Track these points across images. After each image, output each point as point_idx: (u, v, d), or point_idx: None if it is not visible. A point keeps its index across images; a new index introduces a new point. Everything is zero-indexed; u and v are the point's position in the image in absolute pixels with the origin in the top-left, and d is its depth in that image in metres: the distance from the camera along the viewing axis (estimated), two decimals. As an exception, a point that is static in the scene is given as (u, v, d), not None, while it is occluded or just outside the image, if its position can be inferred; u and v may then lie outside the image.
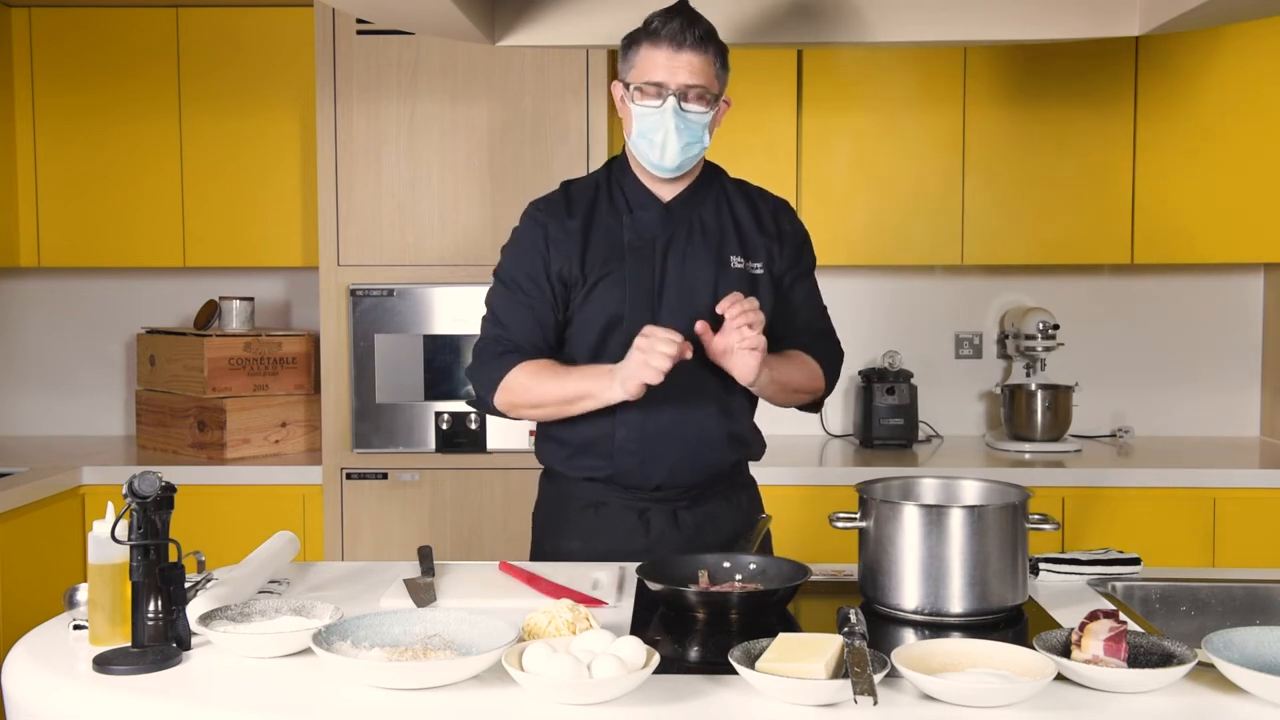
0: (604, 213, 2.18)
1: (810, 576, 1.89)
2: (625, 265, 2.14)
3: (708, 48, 2.07)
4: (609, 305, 2.14)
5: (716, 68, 2.10)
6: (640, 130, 2.09)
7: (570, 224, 2.16)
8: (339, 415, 3.37)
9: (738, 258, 2.18)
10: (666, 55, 2.05)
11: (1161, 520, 3.31)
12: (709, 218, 2.18)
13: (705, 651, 1.68)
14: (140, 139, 3.65)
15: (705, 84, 2.07)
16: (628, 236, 2.15)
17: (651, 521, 2.21)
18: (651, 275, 2.14)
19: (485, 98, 3.34)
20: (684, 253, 2.16)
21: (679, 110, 2.06)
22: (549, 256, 2.16)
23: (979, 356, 3.96)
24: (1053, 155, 3.57)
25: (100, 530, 1.67)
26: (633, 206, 2.17)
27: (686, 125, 2.07)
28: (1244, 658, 1.50)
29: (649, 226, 2.16)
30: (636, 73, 2.09)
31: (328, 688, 1.51)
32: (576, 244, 2.15)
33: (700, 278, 2.15)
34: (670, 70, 2.05)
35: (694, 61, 2.06)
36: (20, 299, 4.04)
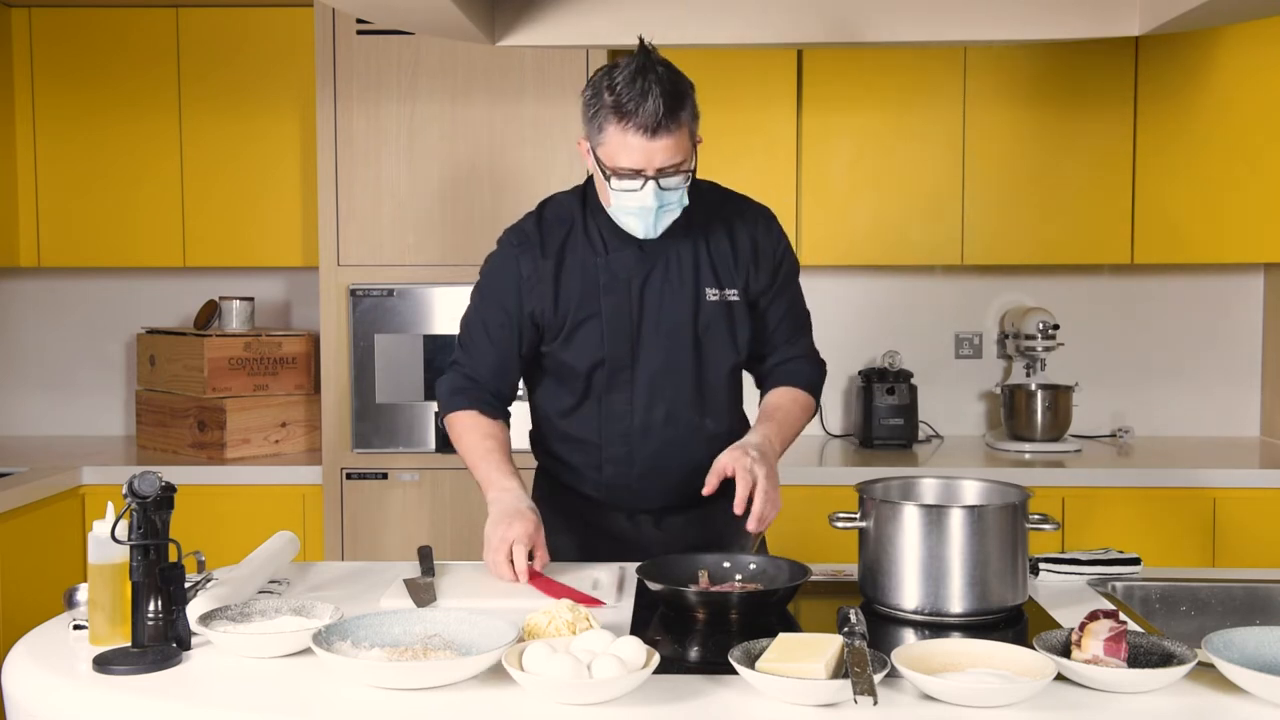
0: (579, 249, 2.13)
1: (810, 576, 1.89)
2: (603, 305, 2.12)
3: (680, 119, 1.96)
4: (589, 348, 2.13)
5: (690, 131, 2.00)
6: (620, 207, 2.03)
7: (544, 264, 2.12)
8: (339, 415, 3.37)
9: (713, 289, 2.14)
10: (640, 141, 1.95)
11: (1161, 520, 3.31)
12: (684, 250, 2.13)
13: (705, 651, 1.68)
14: (140, 139, 3.65)
15: (683, 158, 2.00)
16: (603, 278, 2.12)
17: (640, 521, 2.25)
18: (629, 315, 2.12)
19: (485, 98, 3.34)
20: (660, 290, 2.12)
21: (658, 190, 1.99)
22: (521, 295, 2.13)
23: (979, 356, 3.96)
24: (1053, 155, 3.57)
25: (100, 530, 1.67)
26: (608, 246, 2.12)
27: (666, 196, 2.01)
28: (1244, 658, 1.50)
29: (624, 266, 2.12)
30: (607, 153, 1.99)
31: (328, 688, 1.51)
32: (549, 286, 2.11)
33: (678, 313, 2.13)
34: (647, 156, 1.96)
35: (669, 144, 1.96)
36: (20, 299, 4.04)
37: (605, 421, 2.16)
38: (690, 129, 2.00)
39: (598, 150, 2.01)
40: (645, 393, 2.14)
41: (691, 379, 2.15)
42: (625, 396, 2.15)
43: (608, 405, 2.16)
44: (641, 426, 2.15)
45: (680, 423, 2.16)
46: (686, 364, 2.14)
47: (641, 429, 2.15)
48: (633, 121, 1.94)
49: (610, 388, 2.14)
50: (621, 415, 2.15)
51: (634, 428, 2.15)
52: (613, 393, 2.15)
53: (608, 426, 2.16)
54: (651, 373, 2.13)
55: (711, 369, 2.17)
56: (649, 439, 2.15)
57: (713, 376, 2.17)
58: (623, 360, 2.12)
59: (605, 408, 2.16)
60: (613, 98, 1.95)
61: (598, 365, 2.13)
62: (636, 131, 1.94)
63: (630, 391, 2.14)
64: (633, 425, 2.15)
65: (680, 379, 2.14)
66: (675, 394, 2.15)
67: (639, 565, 1.92)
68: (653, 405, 2.15)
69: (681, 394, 2.15)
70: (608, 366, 2.13)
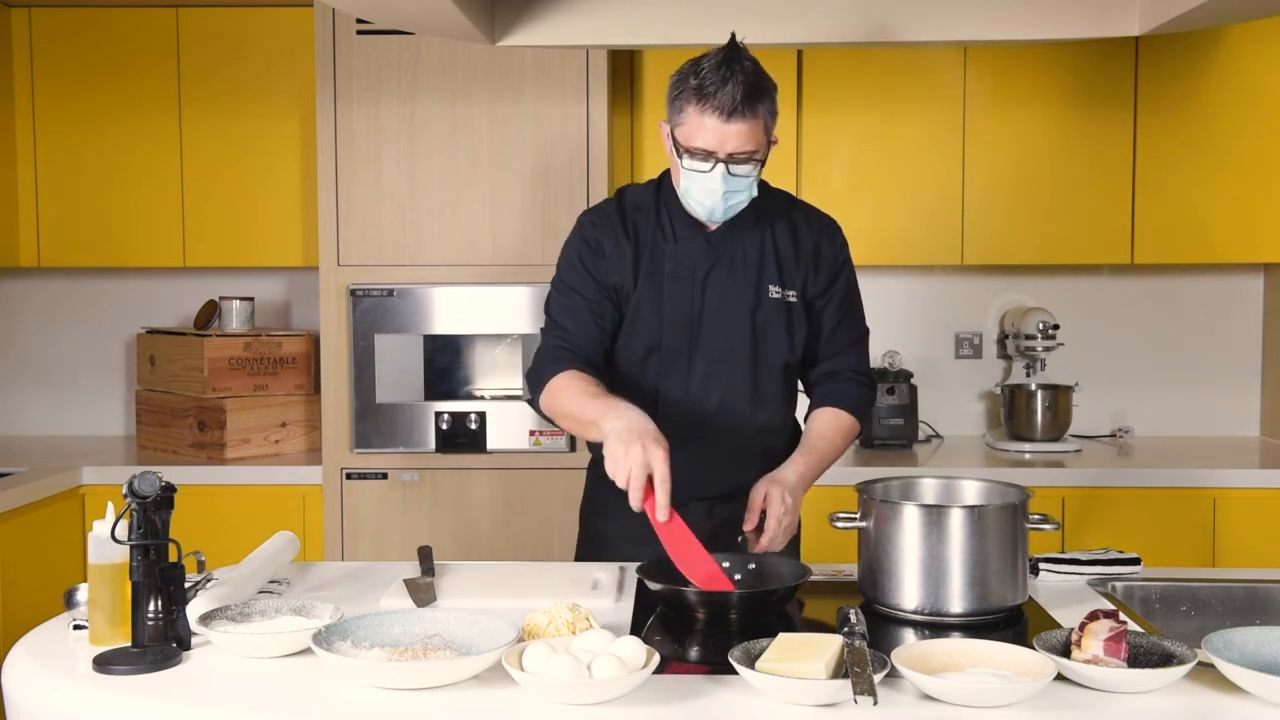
0: (650, 236, 2.19)
1: (810, 576, 1.89)
2: (666, 292, 2.16)
3: (757, 110, 2.01)
4: (648, 331, 2.17)
5: (765, 123, 2.05)
6: (687, 188, 2.09)
7: (624, 243, 2.17)
8: (339, 415, 3.37)
9: (775, 287, 2.19)
10: (716, 123, 2.00)
11: (1161, 520, 3.31)
12: (750, 246, 2.19)
13: (705, 651, 1.68)
14: (140, 139, 3.65)
15: (756, 147, 2.04)
16: (669, 265, 2.17)
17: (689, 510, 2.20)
18: (690, 304, 2.16)
19: (485, 98, 3.34)
20: (724, 282, 2.17)
21: (727, 175, 2.04)
22: (605, 267, 2.17)
23: (979, 356, 3.96)
24: (1053, 155, 3.57)
25: (100, 530, 1.67)
26: (677, 235, 2.18)
27: (734, 186, 2.06)
28: (1244, 658, 1.50)
29: (690, 257, 2.17)
30: (684, 133, 2.05)
31: (328, 688, 1.51)
32: (629, 262, 2.17)
33: (739, 308, 2.17)
34: (720, 139, 2.01)
35: (743, 130, 2.01)
36: (20, 299, 4.04)
37: (661, 407, 2.17)
38: (766, 123, 2.06)
39: (676, 131, 2.07)
40: (701, 382, 2.17)
41: (747, 371, 2.18)
42: (680, 384, 2.17)
43: (664, 392, 2.18)
44: (695, 415, 2.17)
45: (733, 414, 2.19)
46: (743, 357, 2.18)
47: (695, 417, 2.17)
48: (711, 104, 1.99)
49: (666, 373, 2.17)
50: (676, 402, 2.17)
51: (687, 415, 2.17)
52: (668, 379, 2.17)
53: (663, 410, 2.16)
54: (708, 362, 2.17)
55: (766, 364, 2.19)
56: (700, 429, 2.17)
57: (767, 371, 2.20)
58: (680, 347, 2.16)
59: (661, 394, 2.18)
60: (696, 81, 2.01)
61: (654, 350, 2.17)
62: (713, 114, 1.99)
63: (686, 379, 2.17)
64: (686, 413, 2.17)
65: (736, 371, 2.17)
66: (730, 385, 2.18)
67: (639, 565, 1.92)
68: (707, 394, 2.17)
69: (736, 386, 2.18)
70: (664, 352, 2.16)
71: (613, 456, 1.87)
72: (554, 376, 2.13)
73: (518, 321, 3.32)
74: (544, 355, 2.19)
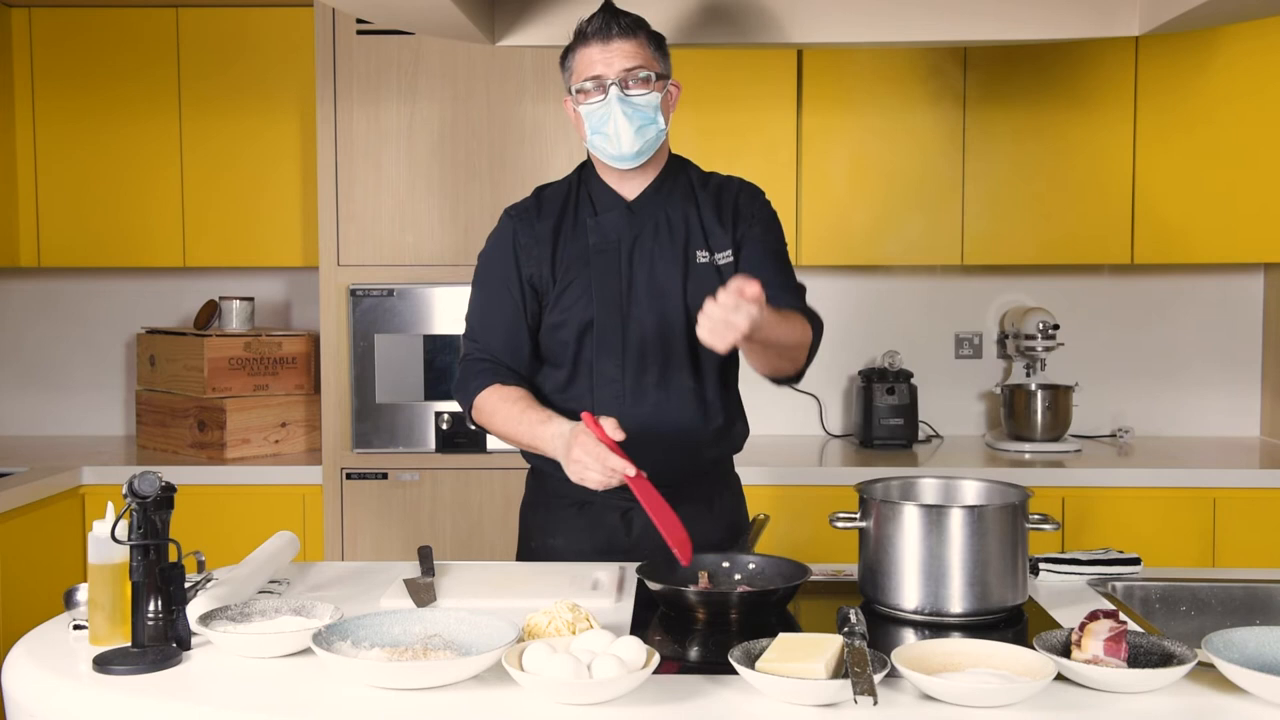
0: (571, 216, 2.20)
1: (810, 576, 1.89)
2: (593, 267, 2.15)
3: (637, 33, 2.10)
4: (579, 310, 2.15)
5: (651, 50, 2.12)
6: (592, 127, 2.12)
7: (540, 227, 2.18)
8: (339, 415, 3.37)
9: (703, 252, 2.17)
10: (598, 50, 2.08)
11: (1161, 520, 3.31)
12: (674, 214, 2.18)
13: (705, 651, 1.68)
14: (141, 139, 3.65)
15: (642, 64, 2.09)
16: (593, 239, 2.16)
17: (634, 520, 2.21)
18: (619, 277, 2.15)
19: (485, 98, 3.34)
20: (650, 252, 2.16)
21: (623, 98, 2.08)
22: (519, 261, 2.18)
23: (979, 356, 3.96)
24: (1053, 155, 3.57)
25: (100, 530, 1.67)
26: (597, 209, 2.18)
27: (634, 110, 2.08)
28: (1244, 658, 1.50)
29: (614, 228, 2.17)
30: (575, 75, 2.12)
31: (328, 688, 1.51)
32: (546, 248, 2.17)
33: (668, 276, 2.15)
34: (605, 61, 2.08)
35: (625, 48, 2.08)
36: (20, 299, 4.04)
37: (598, 388, 2.16)
38: (653, 53, 2.12)
39: (570, 84, 2.14)
40: (636, 355, 2.15)
41: (683, 342, 2.15)
42: (616, 361, 2.15)
43: (599, 372, 2.16)
44: (633, 389, 2.14)
45: (672, 385, 2.16)
46: (678, 326, 2.15)
47: (633, 392, 2.14)
48: (588, 34, 2.10)
49: (601, 352, 2.15)
50: (613, 379, 2.15)
51: (625, 391, 2.14)
52: (604, 358, 2.15)
53: (600, 392, 2.15)
54: (642, 335, 2.15)
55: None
56: (641, 402, 2.14)
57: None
58: (613, 321, 2.14)
59: (597, 375, 2.16)
60: (577, 32, 2.13)
61: (587, 328, 2.15)
62: (593, 40, 2.09)
63: (621, 355, 2.15)
64: (624, 389, 2.15)
65: (671, 342, 2.15)
66: (666, 357, 2.15)
67: (639, 565, 1.92)
68: (644, 369, 2.15)
69: (673, 357, 2.15)
70: (597, 328, 2.14)
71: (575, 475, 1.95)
72: (478, 394, 2.16)
73: (518, 321, 3.32)
74: (464, 369, 2.21)
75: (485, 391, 2.16)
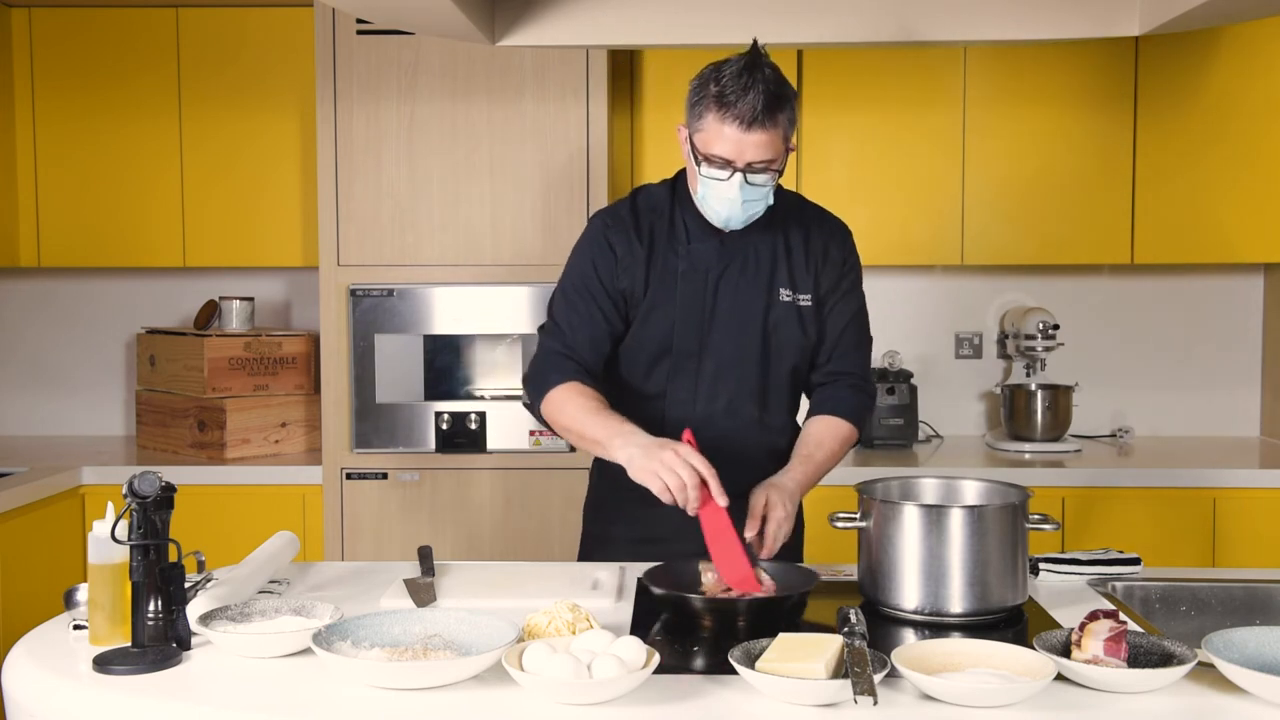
0: (665, 237, 2.19)
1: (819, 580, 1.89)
2: (679, 292, 2.16)
3: (777, 120, 2.00)
4: (659, 332, 2.17)
5: (785, 132, 2.04)
6: (704, 195, 2.09)
7: (636, 246, 2.17)
8: (339, 415, 3.37)
9: (787, 290, 2.19)
10: (735, 133, 1.99)
11: (1161, 520, 3.31)
12: (763, 248, 2.19)
13: (705, 652, 1.68)
14: (141, 139, 3.65)
15: (774, 156, 2.04)
16: (682, 266, 2.17)
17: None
18: (702, 305, 2.17)
19: (485, 98, 3.34)
20: (736, 284, 2.18)
21: (744, 184, 2.04)
22: (616, 272, 2.17)
23: (979, 356, 3.96)
24: (1053, 155, 3.57)
25: (100, 530, 1.67)
26: (691, 237, 2.18)
27: (751, 195, 2.06)
28: (1244, 658, 1.50)
29: (704, 258, 2.18)
30: (703, 139, 2.04)
31: (328, 688, 1.51)
32: (641, 265, 2.17)
33: (750, 309, 2.18)
34: (739, 149, 2.00)
35: (763, 140, 2.00)
36: (20, 299, 4.04)
37: (669, 408, 2.19)
38: (785, 132, 2.05)
39: (695, 137, 2.07)
40: (710, 382, 2.18)
41: (756, 373, 2.19)
42: (689, 384, 2.18)
43: (672, 393, 2.19)
44: (703, 414, 2.17)
45: (740, 415, 2.20)
46: (753, 358, 2.18)
47: (702, 416, 2.17)
48: (731, 113, 1.98)
49: (675, 374, 2.18)
50: (684, 403, 2.18)
51: (695, 415, 2.17)
52: (678, 379, 2.18)
53: (671, 412, 2.18)
54: (717, 364, 2.18)
55: (775, 366, 2.20)
56: (710, 428, 2.16)
57: (776, 374, 2.21)
58: (690, 348, 2.17)
59: (670, 395, 2.19)
60: (717, 89, 2.00)
61: (665, 351, 2.17)
62: (733, 123, 1.99)
63: (695, 380, 2.18)
64: (694, 414, 2.17)
65: (745, 372, 2.18)
66: (739, 386, 2.19)
67: (645, 571, 1.91)
68: (715, 395, 2.18)
69: (745, 387, 2.19)
70: (675, 353, 2.17)
71: (648, 471, 1.91)
72: (555, 386, 2.14)
73: (518, 322, 3.32)
74: (544, 360, 2.19)
75: (565, 385, 2.13)
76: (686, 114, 2.08)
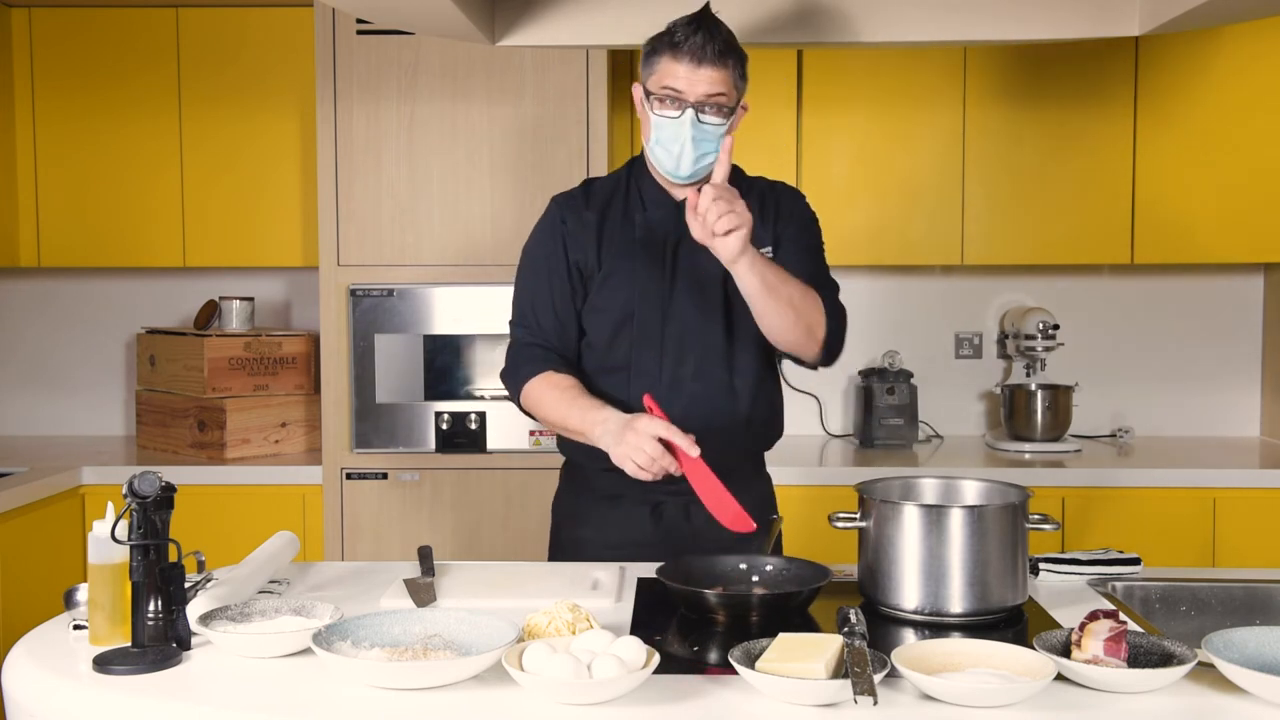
0: (619, 208, 2.24)
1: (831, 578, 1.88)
2: (637, 260, 2.19)
3: (727, 60, 2.08)
4: (620, 300, 2.20)
5: (735, 78, 2.12)
6: (658, 139, 2.13)
7: (586, 215, 2.23)
8: (339, 415, 3.37)
9: None
10: (687, 68, 2.06)
11: (1161, 520, 3.31)
12: None
13: (705, 651, 1.68)
14: (141, 139, 3.65)
15: (724, 92, 2.09)
16: (639, 233, 2.20)
17: (664, 514, 2.24)
18: (662, 271, 2.20)
19: (485, 98, 3.34)
20: (693, 248, 2.16)
21: (696, 121, 2.08)
22: (566, 246, 2.22)
23: (979, 356, 3.96)
24: (1053, 155, 3.57)
25: (100, 530, 1.67)
26: (647, 204, 2.23)
27: (703, 135, 2.10)
28: (1244, 658, 1.50)
29: (661, 224, 2.21)
30: (656, 80, 2.10)
31: (328, 688, 1.51)
32: (592, 235, 2.21)
33: (711, 273, 2.18)
34: (689, 82, 2.07)
35: (713, 75, 2.07)
36: (20, 299, 4.04)
37: (635, 378, 2.19)
38: (736, 82, 2.11)
39: (647, 82, 2.12)
40: (675, 347, 2.19)
41: (721, 336, 2.20)
42: (655, 352, 2.19)
43: (637, 363, 2.20)
44: (670, 381, 2.18)
45: (708, 378, 2.20)
46: (716, 321, 2.20)
47: (670, 383, 2.18)
48: (683, 49, 2.07)
49: (640, 344, 2.19)
50: (650, 370, 2.19)
51: (663, 383, 2.18)
52: (642, 349, 2.20)
53: (636, 382, 2.19)
54: (681, 328, 2.19)
55: (741, 328, 2.21)
56: (678, 394, 2.17)
57: (742, 335, 2.21)
58: (653, 314, 2.19)
59: (635, 365, 2.20)
60: (669, 37, 2.09)
61: (628, 319, 2.19)
62: (685, 59, 2.06)
63: (660, 347, 2.19)
64: (661, 380, 2.18)
65: (710, 336, 2.20)
66: (705, 350, 2.20)
67: (659, 567, 1.91)
68: (682, 360, 2.19)
69: (711, 350, 2.20)
70: (638, 321, 2.19)
71: (620, 459, 1.99)
72: (529, 380, 2.19)
73: (518, 321, 3.32)
74: (515, 353, 2.24)
75: (537, 378, 2.18)
76: (641, 69, 2.15)
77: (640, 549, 2.19)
